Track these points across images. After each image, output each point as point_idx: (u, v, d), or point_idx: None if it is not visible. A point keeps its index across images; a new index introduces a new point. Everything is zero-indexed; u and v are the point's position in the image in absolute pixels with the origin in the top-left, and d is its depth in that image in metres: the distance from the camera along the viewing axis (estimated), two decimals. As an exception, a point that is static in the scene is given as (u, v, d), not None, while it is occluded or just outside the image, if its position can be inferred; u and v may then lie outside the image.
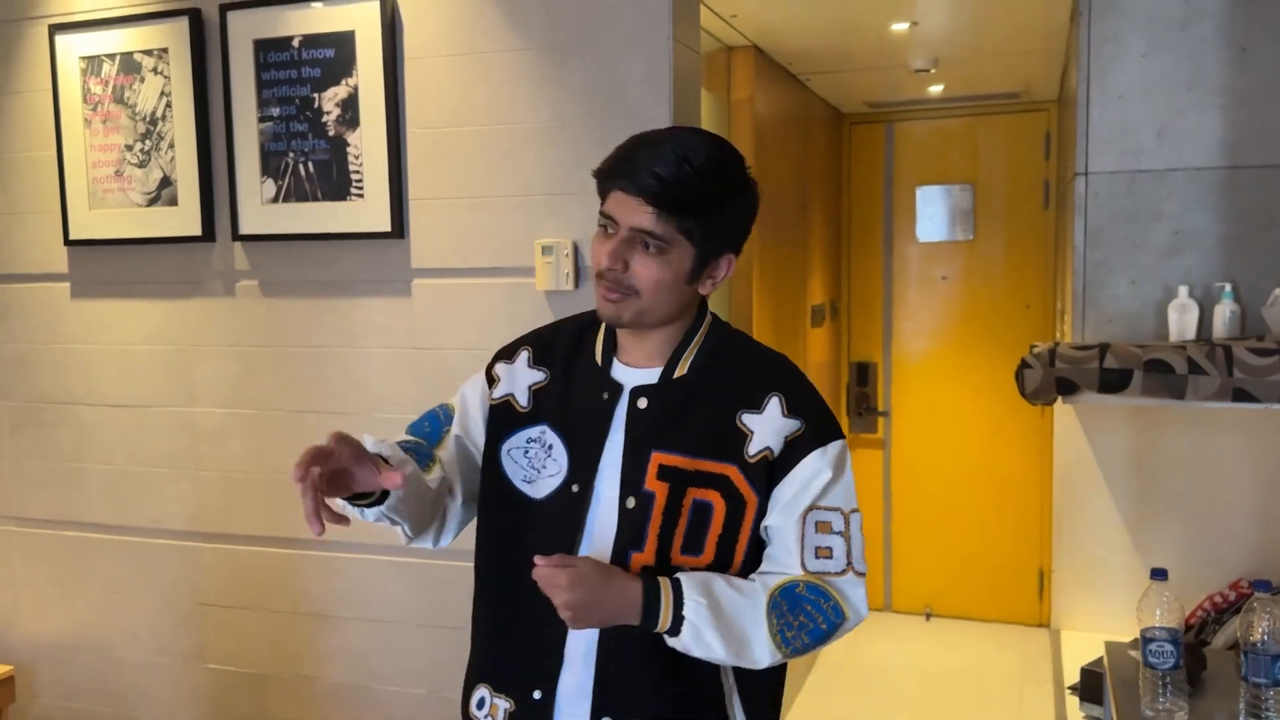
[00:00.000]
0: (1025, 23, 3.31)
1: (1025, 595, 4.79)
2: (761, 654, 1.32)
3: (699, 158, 1.32)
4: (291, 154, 2.64)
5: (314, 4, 2.57)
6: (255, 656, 2.87)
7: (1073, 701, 2.38)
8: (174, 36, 2.71)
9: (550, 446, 1.41)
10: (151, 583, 2.95)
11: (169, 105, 2.74)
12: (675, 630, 1.29)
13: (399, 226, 2.56)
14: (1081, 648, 2.49)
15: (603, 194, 1.37)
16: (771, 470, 1.35)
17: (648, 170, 1.30)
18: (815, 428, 1.37)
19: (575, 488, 1.37)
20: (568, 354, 1.46)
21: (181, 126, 2.73)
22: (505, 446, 1.44)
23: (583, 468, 1.38)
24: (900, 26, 3.31)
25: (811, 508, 1.35)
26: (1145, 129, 2.51)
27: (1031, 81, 4.30)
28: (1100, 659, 2.18)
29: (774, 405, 1.37)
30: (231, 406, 2.82)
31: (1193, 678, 1.91)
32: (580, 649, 1.36)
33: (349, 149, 2.58)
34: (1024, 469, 4.72)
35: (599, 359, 1.43)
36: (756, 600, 1.32)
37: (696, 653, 1.30)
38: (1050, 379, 2.15)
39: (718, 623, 1.29)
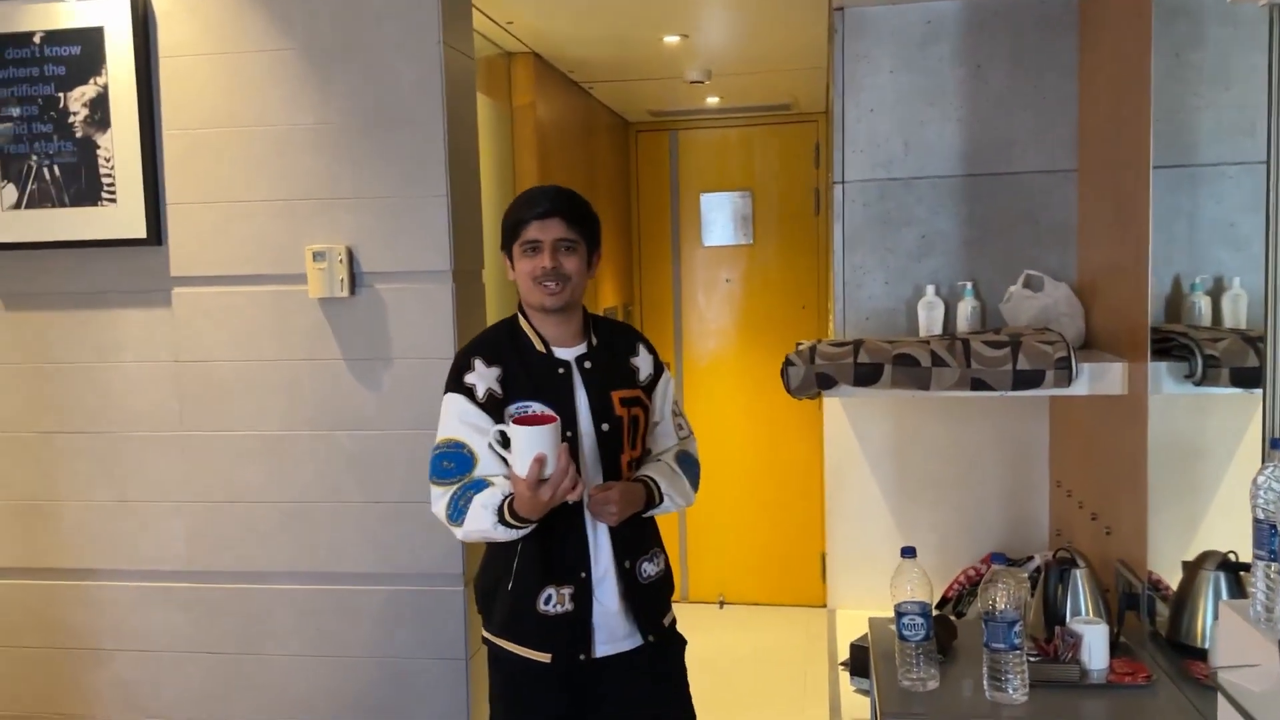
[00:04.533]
0: (789, 40, 3.48)
1: (809, 578, 5.03)
2: (690, 495, 2.14)
3: (567, 190, 2.03)
4: (35, 157, 2.46)
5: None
6: (9, 698, 2.65)
7: (845, 676, 2.51)
8: (-108, 27, 2.47)
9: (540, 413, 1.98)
10: (-119, 627, 2.67)
11: (-113, 101, 2.49)
12: (660, 502, 2.06)
13: (156, 233, 2.43)
14: (853, 625, 2.63)
15: (517, 233, 1.98)
16: (651, 388, 2.13)
17: (547, 201, 1.97)
18: (659, 360, 2.19)
19: (569, 433, 1.96)
20: (511, 350, 2.02)
21: (-97, 125, 2.49)
22: (505, 423, 1.95)
23: (569, 418, 1.98)
24: (672, 39, 3.41)
25: (672, 405, 2.19)
26: (894, 140, 2.70)
27: (800, 95, 4.52)
28: (866, 634, 2.31)
29: (643, 349, 2.15)
30: (-27, 430, 2.59)
31: (944, 647, 2.04)
32: (600, 534, 2.02)
33: (99, 151, 2.42)
34: (804, 460, 4.96)
35: (541, 349, 2.03)
36: (675, 469, 2.12)
37: (664, 510, 2.08)
38: (811, 375, 2.27)
39: (671, 489, 2.08)
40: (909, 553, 1.96)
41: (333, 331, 2.42)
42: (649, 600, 2.08)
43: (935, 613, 2.07)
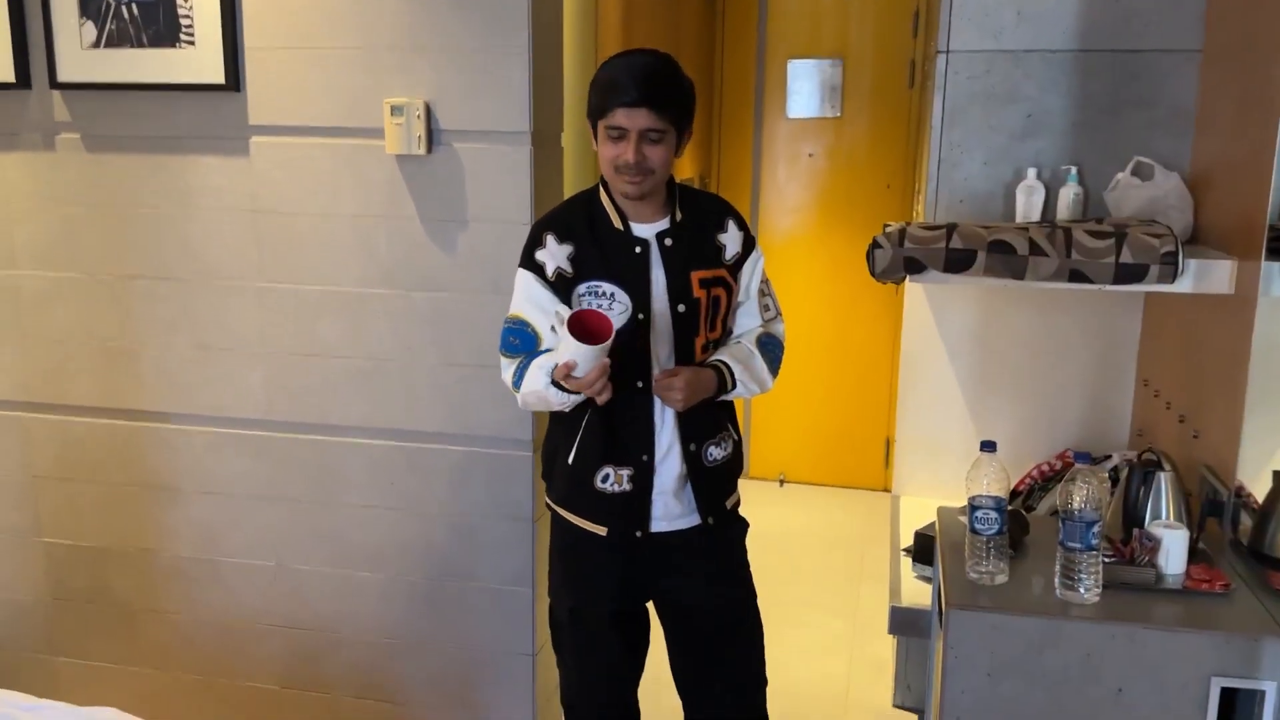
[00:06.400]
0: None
1: (873, 462, 5.02)
2: (768, 381, 2.09)
3: (662, 67, 1.87)
4: (113, -6, 2.41)
5: None
6: (93, 530, 2.77)
7: (906, 562, 2.51)
8: None
9: (611, 294, 1.93)
10: (-24, 455, 2.79)
11: (-32, -69, 2.45)
12: (733, 388, 2.00)
13: (234, 78, 2.39)
14: (918, 512, 2.61)
15: (603, 113, 1.86)
16: (738, 266, 2.05)
17: (636, 89, 1.83)
18: (750, 235, 2.08)
19: (641, 315, 1.94)
20: (585, 226, 1.96)
21: (-16, -44, 2.45)
22: (573, 305, 1.93)
23: (642, 299, 1.94)
24: (773, -112, 3.20)
25: (760, 284, 2.10)
26: (1006, 8, 2.52)
27: (903, -45, 4.25)
28: (933, 523, 2.29)
29: (732, 225, 2.05)
30: (57, 270, 2.63)
31: (1015, 542, 2.01)
32: (667, 417, 1.99)
33: (177, -10, 2.37)
34: (877, 344, 4.88)
35: (619, 225, 1.96)
36: (753, 351, 2.06)
37: (737, 395, 2.03)
38: (899, 259, 2.18)
39: (746, 375, 2.02)
40: (989, 447, 1.91)
41: (409, 190, 2.38)
42: (711, 483, 2.06)
43: (1009, 507, 2.04)
